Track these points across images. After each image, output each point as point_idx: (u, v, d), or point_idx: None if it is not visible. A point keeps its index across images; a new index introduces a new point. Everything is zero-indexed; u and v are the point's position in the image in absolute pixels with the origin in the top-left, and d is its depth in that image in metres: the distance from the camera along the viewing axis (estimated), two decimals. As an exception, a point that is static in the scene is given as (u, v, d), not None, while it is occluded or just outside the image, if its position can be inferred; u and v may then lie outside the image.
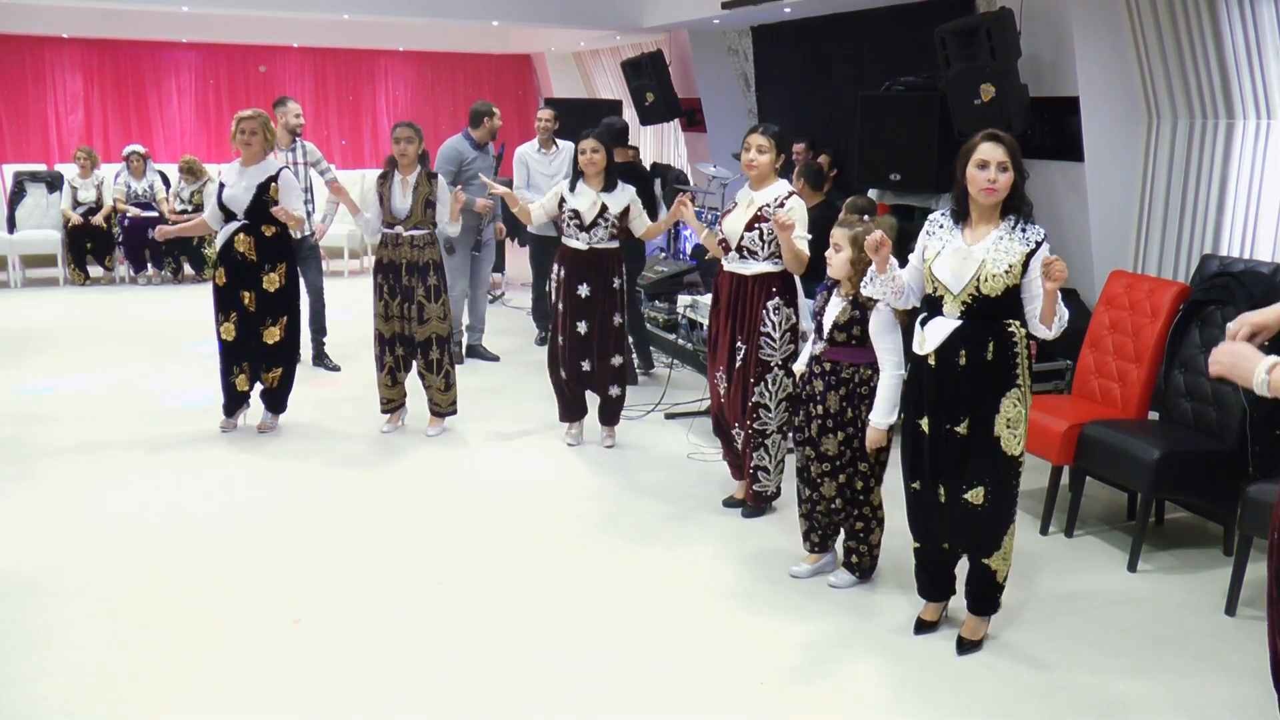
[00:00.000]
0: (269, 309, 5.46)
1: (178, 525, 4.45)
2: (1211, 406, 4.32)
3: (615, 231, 5.22)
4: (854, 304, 3.74)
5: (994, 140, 3.23)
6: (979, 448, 3.33)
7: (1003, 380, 3.30)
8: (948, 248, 3.33)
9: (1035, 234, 3.27)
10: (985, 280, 3.24)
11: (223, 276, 5.44)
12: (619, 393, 5.46)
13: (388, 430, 5.77)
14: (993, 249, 3.25)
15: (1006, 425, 3.32)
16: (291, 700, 3.16)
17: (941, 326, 3.33)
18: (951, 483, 3.39)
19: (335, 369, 7.03)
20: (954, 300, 3.30)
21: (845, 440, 3.80)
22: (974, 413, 3.32)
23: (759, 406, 4.44)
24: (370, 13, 9.49)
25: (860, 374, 3.76)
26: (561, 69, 13.64)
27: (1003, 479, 3.36)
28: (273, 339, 5.50)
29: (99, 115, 12.70)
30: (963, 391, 3.31)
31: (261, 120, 5.42)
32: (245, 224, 5.38)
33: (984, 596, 3.51)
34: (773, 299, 4.39)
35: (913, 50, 6.86)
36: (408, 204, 5.45)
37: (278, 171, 5.43)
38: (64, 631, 3.52)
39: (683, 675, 3.34)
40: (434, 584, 3.95)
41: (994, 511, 3.37)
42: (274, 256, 5.44)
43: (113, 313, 8.89)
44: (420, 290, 5.49)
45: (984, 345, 3.27)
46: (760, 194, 4.44)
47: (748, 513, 4.64)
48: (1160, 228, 5.53)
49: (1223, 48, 4.94)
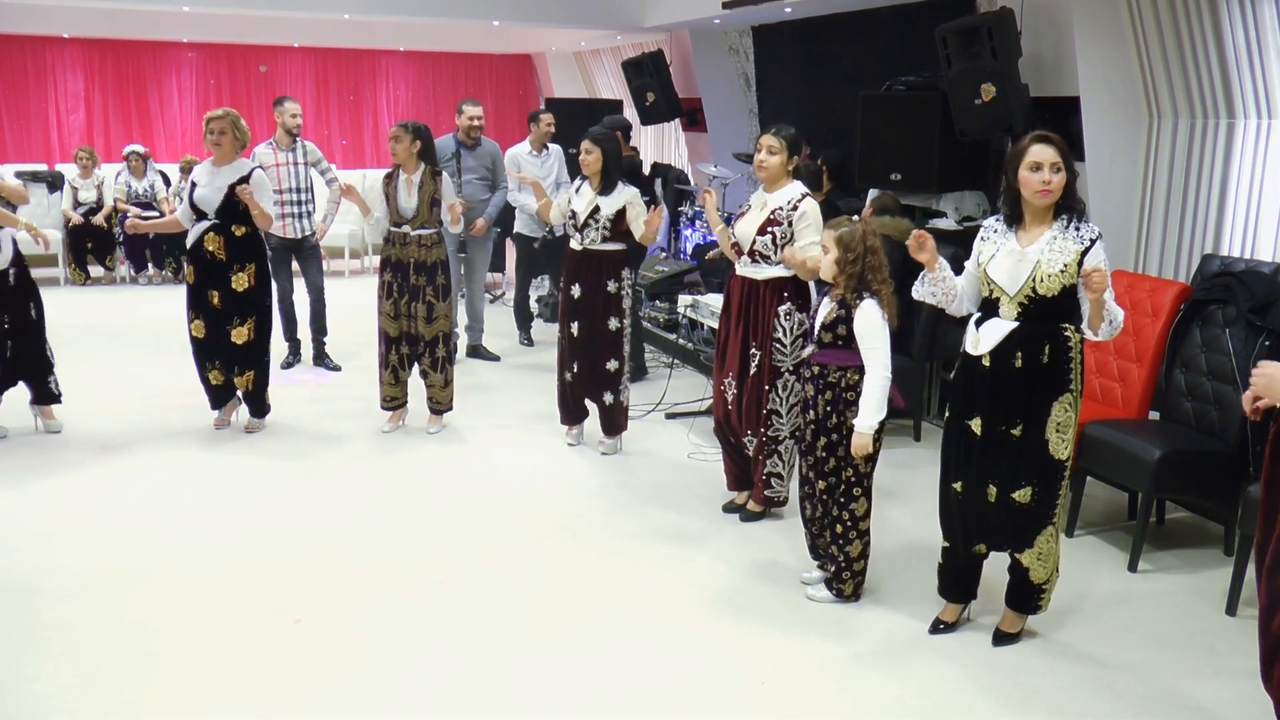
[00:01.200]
0: (236, 309, 5.45)
1: (178, 524, 4.46)
2: (1212, 406, 4.32)
3: (609, 234, 5.16)
4: (840, 304, 3.69)
5: (1045, 142, 3.24)
6: (1030, 450, 3.35)
7: (1057, 384, 3.30)
8: (1001, 250, 3.34)
9: (1089, 232, 3.26)
10: (1041, 280, 3.24)
11: (192, 275, 5.47)
12: (613, 400, 5.34)
13: (388, 429, 5.77)
14: (1047, 249, 3.25)
15: (1056, 429, 3.33)
16: (292, 699, 3.16)
17: (998, 328, 3.33)
18: (1002, 483, 3.40)
19: (336, 369, 7.03)
20: (1010, 302, 3.30)
21: (828, 446, 3.72)
22: (1027, 415, 3.33)
23: (772, 413, 4.41)
24: (371, 12, 9.48)
25: (847, 378, 3.67)
26: (562, 69, 13.63)
27: (1049, 482, 3.38)
28: (241, 339, 5.49)
29: (100, 115, 12.70)
30: (1017, 394, 3.31)
31: (230, 119, 5.45)
32: (215, 223, 5.39)
33: (1019, 593, 3.54)
34: (784, 304, 4.34)
35: (913, 50, 6.86)
36: (413, 203, 5.47)
37: (250, 172, 5.43)
38: (65, 630, 3.52)
39: (683, 675, 3.34)
40: (435, 584, 3.95)
41: (1035, 511, 3.40)
42: (243, 256, 5.44)
43: (113, 312, 8.89)
44: (429, 289, 5.51)
45: (1040, 348, 3.28)
46: (773, 196, 4.40)
47: (746, 517, 4.62)
48: (1161, 227, 5.53)
49: (1224, 47, 4.94)
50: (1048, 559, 3.47)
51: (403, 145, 5.45)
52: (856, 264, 3.62)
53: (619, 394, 5.35)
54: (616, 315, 5.25)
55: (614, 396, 5.35)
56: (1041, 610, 3.58)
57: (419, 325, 5.56)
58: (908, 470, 5.22)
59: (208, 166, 5.48)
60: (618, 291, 5.23)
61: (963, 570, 3.61)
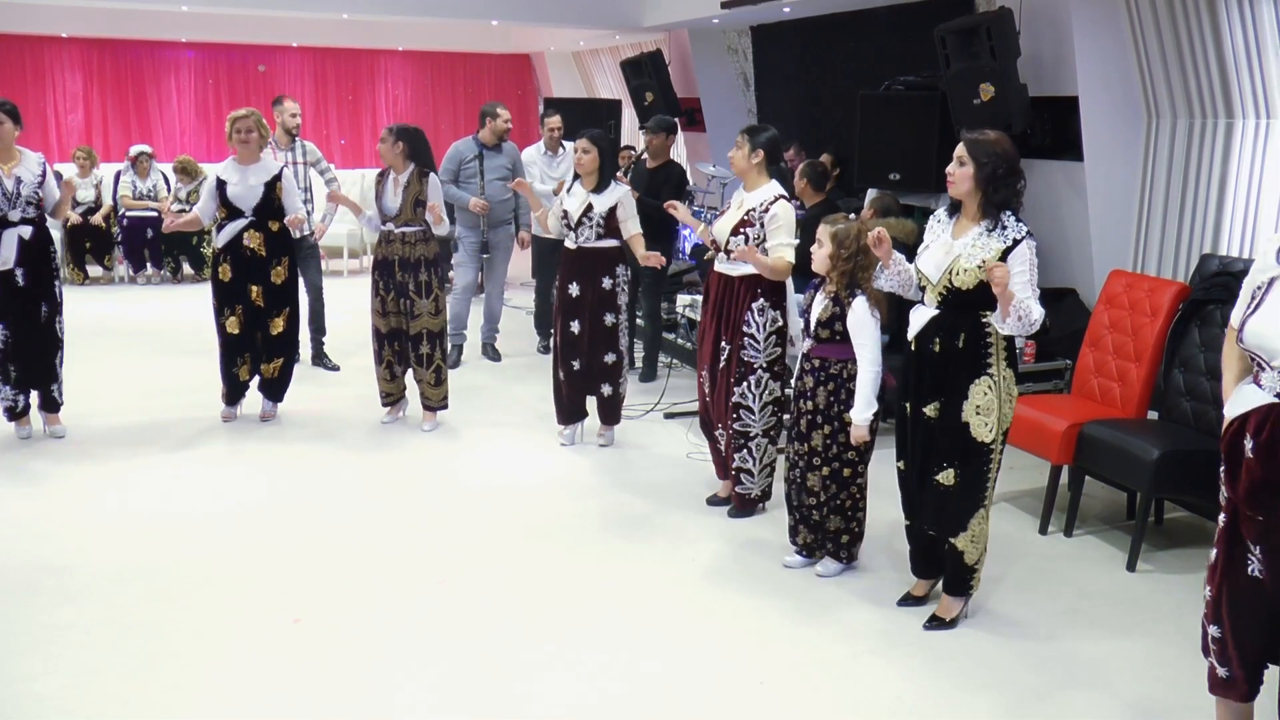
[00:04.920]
0: (275, 301, 5.64)
1: (178, 524, 4.46)
2: (1211, 406, 4.32)
3: (604, 232, 5.22)
4: (835, 301, 3.82)
5: (966, 137, 3.40)
6: (947, 431, 3.46)
7: (973, 368, 3.41)
8: (935, 242, 3.49)
9: (1015, 232, 3.35)
10: (957, 274, 3.37)
11: (228, 272, 5.55)
12: (611, 392, 5.44)
13: (388, 421, 5.86)
14: (970, 244, 3.38)
15: (976, 411, 3.42)
16: (292, 699, 3.16)
17: (921, 314, 3.50)
18: (923, 463, 3.55)
19: (334, 368, 7.04)
20: (932, 290, 3.46)
21: (831, 434, 3.88)
22: (943, 397, 3.45)
23: (740, 407, 4.44)
24: (370, 12, 9.49)
25: (848, 369, 3.84)
26: (561, 68, 13.64)
27: (971, 463, 3.47)
28: (277, 330, 5.67)
29: (99, 115, 12.69)
30: (934, 376, 3.46)
31: (255, 118, 5.58)
32: (253, 220, 5.51)
33: (954, 577, 3.63)
34: (758, 300, 4.39)
35: (912, 50, 6.87)
36: (398, 202, 5.56)
37: (280, 171, 5.60)
38: (65, 630, 3.52)
39: (683, 674, 3.34)
40: (434, 583, 3.96)
41: (962, 493, 3.50)
42: (280, 251, 5.65)
43: (112, 312, 8.89)
44: (412, 286, 5.58)
45: (956, 334, 3.41)
46: (750, 196, 4.46)
47: (734, 513, 4.64)
48: (1160, 227, 5.54)
49: (1222, 47, 4.95)
50: (980, 540, 3.57)
51: (386, 146, 5.59)
52: (849, 262, 3.77)
53: (618, 386, 5.46)
54: (612, 311, 5.31)
55: (613, 388, 5.44)
56: (973, 591, 3.66)
57: (405, 321, 5.64)
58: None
59: (234, 165, 5.58)
60: (613, 288, 5.31)
61: (925, 546, 3.73)
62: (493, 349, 7.49)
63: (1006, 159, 3.33)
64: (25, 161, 5.24)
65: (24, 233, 5.19)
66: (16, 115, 5.27)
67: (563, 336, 5.36)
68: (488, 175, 7.07)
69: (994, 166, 3.32)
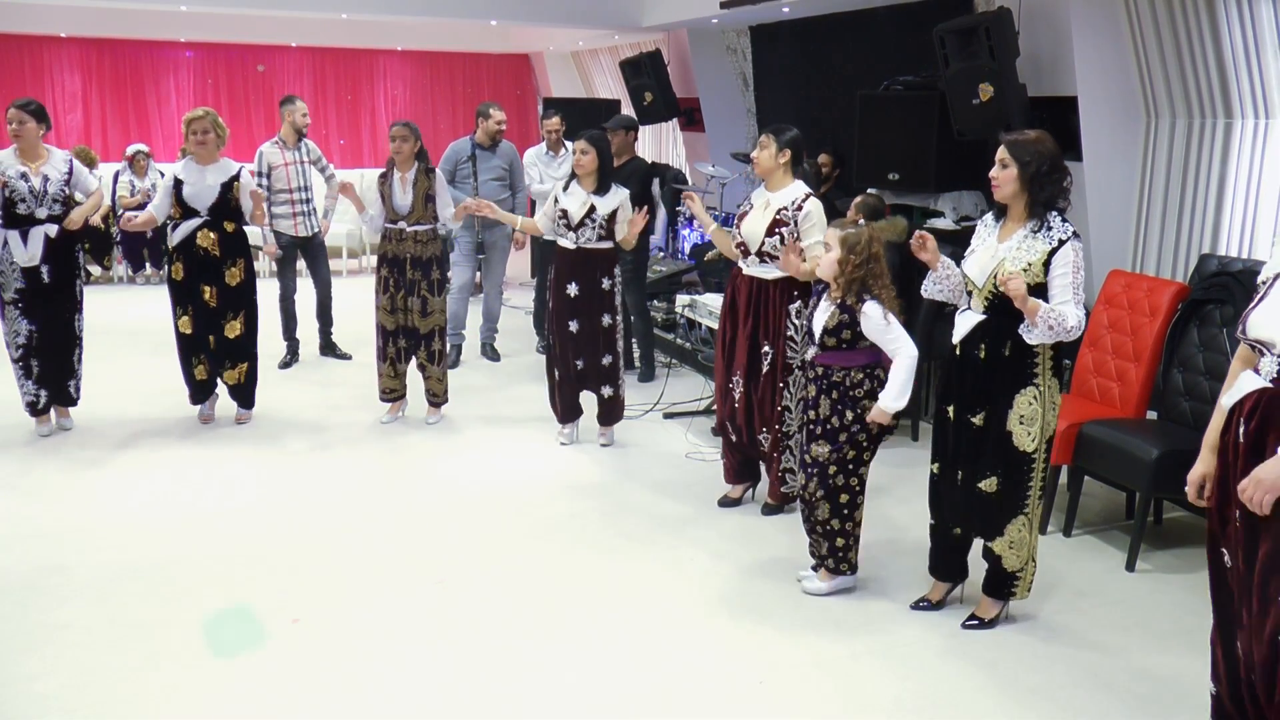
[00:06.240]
0: (230, 303, 5.57)
1: (177, 523, 4.46)
2: (1210, 406, 4.31)
3: (604, 233, 5.24)
4: (842, 308, 3.69)
5: (1004, 139, 3.34)
6: (992, 440, 3.42)
7: (1019, 377, 3.36)
8: (982, 245, 3.43)
9: (1061, 232, 3.29)
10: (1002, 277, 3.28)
11: (180, 271, 5.52)
12: (611, 393, 5.45)
13: (388, 420, 5.87)
14: (1015, 247, 3.32)
15: (1019, 421, 3.38)
16: (291, 699, 3.16)
17: (967, 319, 3.43)
18: (967, 469, 3.50)
19: (346, 357, 7.16)
20: (979, 295, 3.39)
21: (835, 448, 3.74)
22: (989, 405, 3.40)
23: (784, 409, 4.46)
24: (369, 12, 9.47)
25: (851, 377, 3.71)
26: (560, 68, 13.63)
27: (1014, 472, 3.44)
28: (234, 333, 5.60)
29: (97, 114, 12.67)
30: (980, 383, 3.40)
31: (212, 119, 5.54)
32: (207, 220, 5.46)
33: (993, 579, 3.62)
34: (795, 302, 4.40)
35: (911, 50, 6.86)
36: (408, 200, 5.56)
37: (239, 171, 5.55)
38: (64, 630, 3.52)
39: (682, 674, 3.34)
40: (434, 583, 3.95)
41: (1004, 501, 3.47)
42: (234, 252, 5.56)
43: (111, 312, 8.89)
44: (424, 284, 5.61)
45: (1003, 341, 3.35)
46: (776, 195, 4.44)
47: (767, 510, 4.68)
48: (1159, 227, 5.54)
49: (1221, 47, 4.95)
50: (1020, 548, 3.54)
51: (409, 145, 5.56)
52: (860, 269, 3.63)
53: (618, 387, 5.46)
54: (609, 312, 5.34)
55: (613, 389, 5.45)
56: (1018, 597, 3.65)
57: (415, 319, 5.66)
58: (906, 469, 5.22)
59: (192, 165, 5.54)
60: (610, 289, 5.33)
61: (948, 549, 3.70)
62: (492, 349, 7.51)
63: (1049, 156, 3.30)
64: (52, 160, 5.32)
65: (50, 230, 5.26)
66: (42, 114, 5.33)
67: (560, 336, 5.36)
68: (482, 175, 7.10)
69: (1038, 165, 3.28)
